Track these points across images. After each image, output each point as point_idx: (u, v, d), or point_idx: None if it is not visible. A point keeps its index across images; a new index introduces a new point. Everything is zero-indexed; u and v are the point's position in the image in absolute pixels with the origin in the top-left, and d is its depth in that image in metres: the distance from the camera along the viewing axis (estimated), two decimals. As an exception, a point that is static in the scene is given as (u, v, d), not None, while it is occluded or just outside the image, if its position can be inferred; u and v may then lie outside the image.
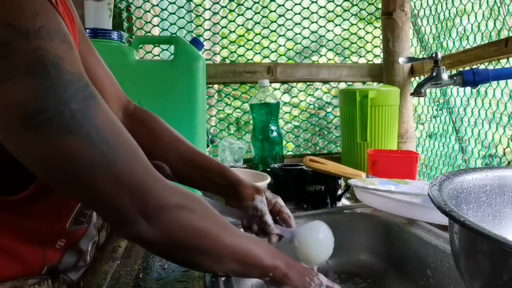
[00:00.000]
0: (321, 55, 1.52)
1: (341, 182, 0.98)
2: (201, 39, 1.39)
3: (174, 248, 0.49)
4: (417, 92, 0.94)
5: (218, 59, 1.48)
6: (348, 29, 1.52)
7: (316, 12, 1.48)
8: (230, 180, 0.69)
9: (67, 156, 0.40)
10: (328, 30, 1.50)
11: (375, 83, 1.49)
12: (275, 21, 1.45)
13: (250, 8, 1.44)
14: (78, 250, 0.57)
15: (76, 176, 0.42)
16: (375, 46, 1.54)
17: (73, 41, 0.45)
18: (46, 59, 0.39)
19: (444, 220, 0.65)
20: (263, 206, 0.66)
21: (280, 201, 0.69)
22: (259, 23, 1.45)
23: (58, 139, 0.39)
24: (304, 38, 1.49)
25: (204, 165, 0.71)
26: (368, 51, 1.54)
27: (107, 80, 0.73)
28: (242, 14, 1.44)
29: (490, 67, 1.05)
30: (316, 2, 1.47)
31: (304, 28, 1.48)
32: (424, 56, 1.29)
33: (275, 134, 1.28)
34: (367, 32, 1.53)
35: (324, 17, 1.49)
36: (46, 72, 0.39)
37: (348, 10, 1.51)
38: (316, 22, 1.48)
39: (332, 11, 1.49)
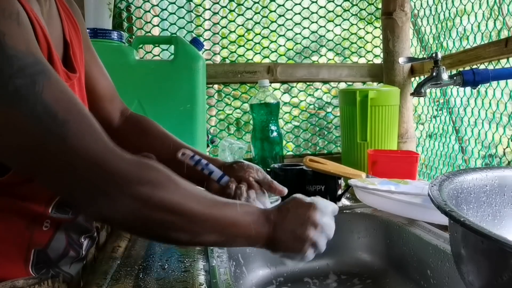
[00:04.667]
0: (321, 55, 1.52)
1: (341, 182, 0.97)
2: (201, 39, 1.39)
3: (142, 225, 0.46)
4: (417, 92, 0.94)
5: (218, 59, 1.48)
6: (348, 29, 1.52)
7: (316, 12, 1.48)
8: (220, 163, 0.71)
9: (12, 132, 0.40)
10: (328, 30, 1.50)
11: (375, 83, 1.49)
12: (275, 21, 1.45)
13: (250, 8, 1.43)
14: (68, 237, 0.57)
15: (28, 154, 0.41)
16: (375, 46, 1.54)
17: (29, 24, 0.44)
18: None
19: (444, 220, 0.65)
20: (243, 192, 0.66)
21: (259, 174, 0.70)
22: (259, 23, 1.45)
23: (3, 114, 0.39)
24: (304, 38, 1.49)
25: (195, 151, 0.71)
26: (368, 51, 1.54)
27: (108, 88, 0.75)
28: (242, 14, 1.44)
29: (490, 67, 1.05)
30: (316, 2, 1.47)
31: (304, 28, 1.48)
32: (424, 56, 1.29)
33: (275, 134, 1.28)
34: (367, 32, 1.53)
35: (324, 17, 1.49)
36: None
37: (348, 10, 1.51)
38: (316, 22, 1.48)
39: (332, 11, 1.49)
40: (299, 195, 0.58)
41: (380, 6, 1.48)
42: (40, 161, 0.42)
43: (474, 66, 1.06)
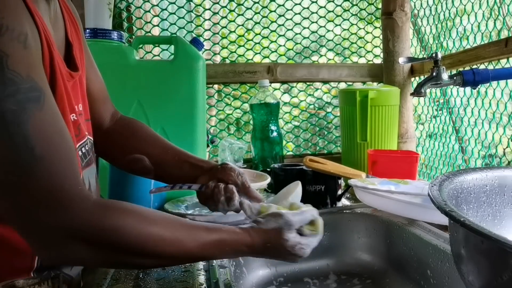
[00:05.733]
0: (321, 55, 1.52)
1: (341, 182, 0.97)
2: (201, 39, 1.39)
3: (115, 266, 0.47)
4: (417, 92, 0.94)
5: (218, 59, 1.48)
6: (348, 29, 1.52)
7: (316, 12, 1.48)
8: (212, 164, 0.70)
9: None
10: (328, 30, 1.50)
11: (375, 83, 1.49)
12: (275, 21, 1.45)
13: (250, 8, 1.43)
14: None
15: None
16: (375, 46, 1.54)
17: (39, 44, 0.43)
18: None
19: (444, 220, 0.65)
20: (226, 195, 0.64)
21: (239, 178, 0.67)
22: (259, 23, 1.45)
23: None
24: (304, 38, 1.49)
25: (184, 152, 0.72)
26: (368, 51, 1.54)
27: (102, 90, 0.75)
28: (242, 14, 1.44)
29: (490, 67, 1.05)
30: (316, 2, 1.47)
31: (304, 28, 1.48)
32: (424, 56, 1.29)
33: (275, 134, 1.28)
34: (367, 32, 1.53)
35: (324, 17, 1.49)
36: None
37: (348, 10, 1.51)
38: (316, 22, 1.48)
39: (332, 11, 1.49)
40: (270, 209, 0.57)
41: (380, 6, 1.48)
42: (2, 191, 0.40)
43: (474, 66, 1.06)
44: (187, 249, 0.48)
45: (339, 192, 0.96)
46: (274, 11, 1.46)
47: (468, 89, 1.14)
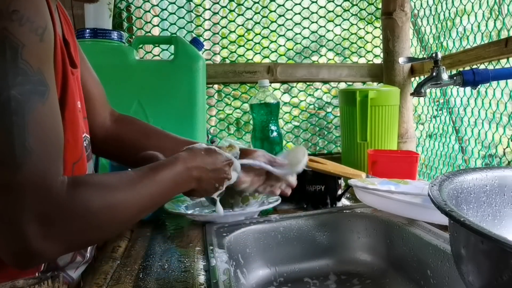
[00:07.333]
0: (321, 55, 1.52)
1: (341, 182, 0.97)
2: (201, 39, 1.39)
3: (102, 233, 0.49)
4: (417, 92, 0.94)
5: (218, 59, 1.48)
6: (348, 29, 1.52)
7: (316, 12, 1.48)
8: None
9: None
10: (328, 30, 1.50)
11: (375, 83, 1.49)
12: (275, 21, 1.45)
13: (250, 8, 1.43)
14: None
15: None
16: (375, 46, 1.54)
17: (53, 40, 0.45)
18: (7, 41, 0.39)
19: (444, 220, 0.65)
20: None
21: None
22: (259, 23, 1.45)
23: None
24: (304, 38, 1.49)
25: (188, 141, 0.76)
26: (368, 51, 1.54)
27: (100, 90, 0.76)
28: (242, 14, 1.44)
29: (490, 67, 1.05)
30: (316, 2, 1.47)
31: (304, 28, 1.48)
32: (424, 56, 1.29)
33: (275, 134, 1.27)
34: (367, 32, 1.53)
35: (324, 17, 1.49)
36: (2, 52, 0.39)
37: (348, 10, 1.51)
38: (316, 22, 1.48)
39: (332, 11, 1.49)
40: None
41: (380, 6, 1.48)
42: None
43: (474, 66, 1.06)
44: (144, 205, 0.53)
45: (339, 192, 0.96)
46: (274, 11, 1.46)
47: (468, 89, 1.14)
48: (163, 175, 0.55)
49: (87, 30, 1.00)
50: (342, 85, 1.51)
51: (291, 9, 1.46)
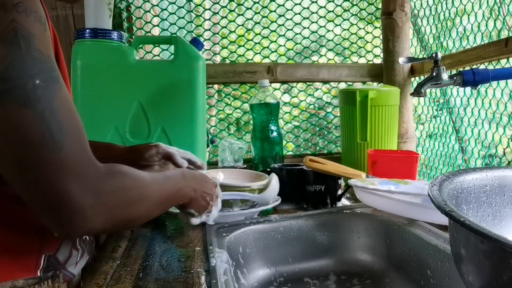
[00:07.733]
0: (321, 55, 1.52)
1: (341, 182, 0.97)
2: (201, 39, 1.39)
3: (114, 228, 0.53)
4: (417, 92, 0.94)
5: (218, 59, 1.48)
6: (348, 29, 1.52)
7: (316, 12, 1.48)
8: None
9: (18, 130, 0.40)
10: (328, 30, 1.50)
11: (375, 83, 1.49)
12: (275, 21, 1.45)
13: (250, 8, 1.43)
14: (74, 240, 0.58)
15: (22, 154, 0.41)
16: (375, 46, 1.54)
17: (49, 27, 0.46)
18: (19, 32, 0.40)
19: (444, 220, 0.65)
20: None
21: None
22: (259, 23, 1.45)
23: (14, 110, 0.40)
24: (304, 38, 1.49)
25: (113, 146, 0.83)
26: (368, 51, 1.54)
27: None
28: (242, 14, 1.44)
29: (490, 67, 1.05)
30: (316, 2, 1.47)
31: (304, 28, 1.48)
32: (424, 56, 1.29)
33: (275, 134, 1.28)
34: (367, 32, 1.53)
35: (324, 17, 1.49)
36: (17, 44, 0.40)
37: (348, 10, 1.51)
38: (316, 22, 1.48)
39: (332, 11, 1.49)
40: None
41: (380, 6, 1.48)
42: (29, 163, 0.41)
43: (474, 66, 1.06)
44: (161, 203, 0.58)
45: (339, 192, 0.96)
46: (274, 11, 1.46)
47: (468, 89, 1.14)
48: (171, 177, 0.62)
49: (87, 30, 1.00)
50: (342, 85, 1.51)
51: (291, 9, 1.46)
